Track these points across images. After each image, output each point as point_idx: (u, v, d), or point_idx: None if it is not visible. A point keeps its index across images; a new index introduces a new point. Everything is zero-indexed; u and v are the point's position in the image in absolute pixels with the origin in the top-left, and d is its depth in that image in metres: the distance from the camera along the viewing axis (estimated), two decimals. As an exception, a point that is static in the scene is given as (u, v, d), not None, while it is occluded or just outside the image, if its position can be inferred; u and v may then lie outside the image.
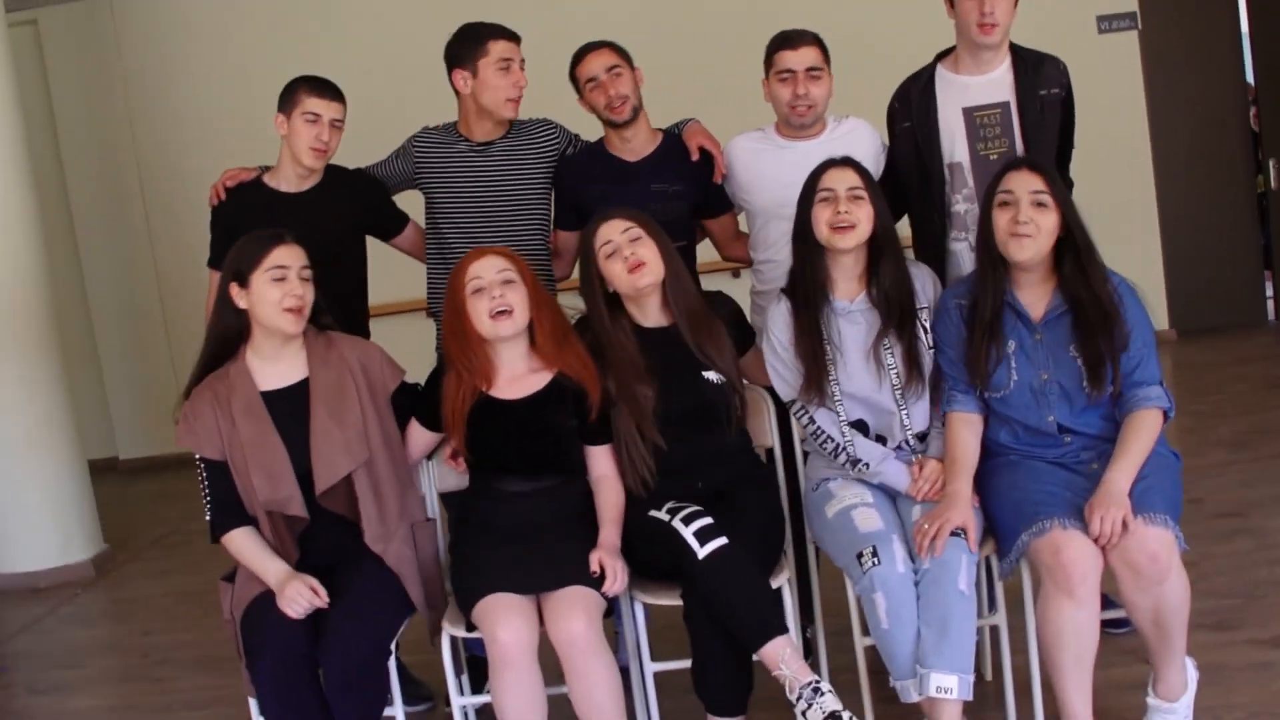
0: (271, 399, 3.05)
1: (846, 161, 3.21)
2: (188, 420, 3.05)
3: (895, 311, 3.16)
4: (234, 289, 3.04)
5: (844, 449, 3.15)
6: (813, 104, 3.53)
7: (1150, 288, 8.24)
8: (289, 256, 3.02)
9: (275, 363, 3.08)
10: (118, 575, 5.87)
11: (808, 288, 3.20)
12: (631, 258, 3.15)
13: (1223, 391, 6.56)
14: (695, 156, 3.67)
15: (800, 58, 3.52)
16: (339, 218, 3.55)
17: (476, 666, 3.40)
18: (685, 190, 3.59)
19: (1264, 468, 5.06)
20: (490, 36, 3.63)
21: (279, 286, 2.99)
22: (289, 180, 3.61)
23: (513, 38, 3.66)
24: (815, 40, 3.57)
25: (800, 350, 3.18)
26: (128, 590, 5.66)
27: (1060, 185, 3.05)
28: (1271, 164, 7.87)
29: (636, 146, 3.69)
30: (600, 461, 3.20)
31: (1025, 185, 3.01)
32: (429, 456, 3.33)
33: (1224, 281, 8.06)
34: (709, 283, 3.62)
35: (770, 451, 3.43)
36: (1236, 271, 8.06)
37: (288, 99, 3.53)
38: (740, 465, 3.29)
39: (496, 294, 3.06)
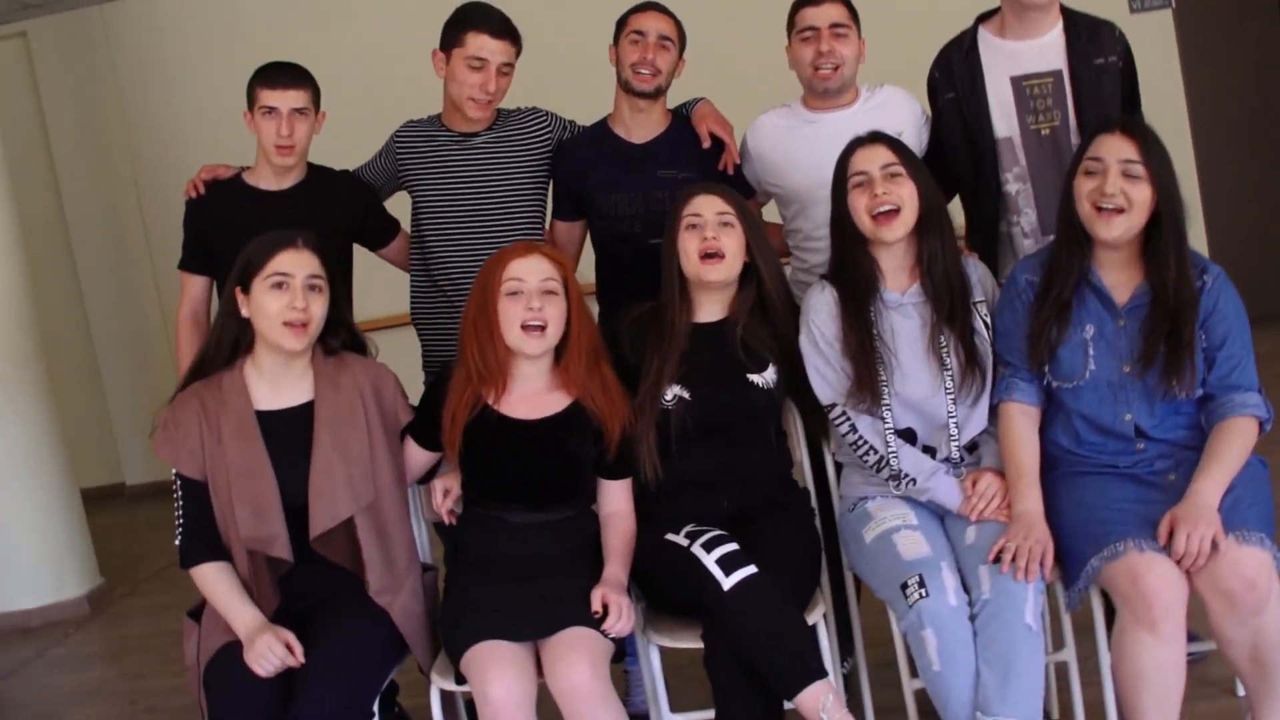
0: (268, 420, 2.71)
1: (875, 137, 2.89)
2: (168, 429, 2.71)
3: (947, 301, 2.83)
4: (239, 294, 2.73)
5: (888, 461, 2.81)
6: (839, 64, 3.23)
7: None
8: (294, 263, 2.68)
9: (276, 382, 2.75)
10: (114, 612, 5.61)
11: (853, 279, 2.88)
12: (712, 241, 2.85)
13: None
14: (706, 143, 3.38)
15: (824, 14, 3.26)
16: (323, 220, 3.21)
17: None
18: (695, 178, 3.24)
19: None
20: (472, 28, 3.32)
21: (278, 296, 2.66)
22: (266, 178, 3.38)
23: (503, 35, 3.33)
24: None
25: (848, 347, 2.84)
26: (122, 629, 5.39)
27: (1159, 154, 2.68)
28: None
29: (646, 126, 3.41)
30: (614, 496, 2.88)
31: (1116, 152, 2.65)
32: (421, 481, 2.98)
33: (1275, 271, 7.73)
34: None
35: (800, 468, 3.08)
36: (1287, 261, 7.79)
37: (248, 96, 3.33)
38: (774, 487, 2.96)
39: (535, 304, 2.72)
